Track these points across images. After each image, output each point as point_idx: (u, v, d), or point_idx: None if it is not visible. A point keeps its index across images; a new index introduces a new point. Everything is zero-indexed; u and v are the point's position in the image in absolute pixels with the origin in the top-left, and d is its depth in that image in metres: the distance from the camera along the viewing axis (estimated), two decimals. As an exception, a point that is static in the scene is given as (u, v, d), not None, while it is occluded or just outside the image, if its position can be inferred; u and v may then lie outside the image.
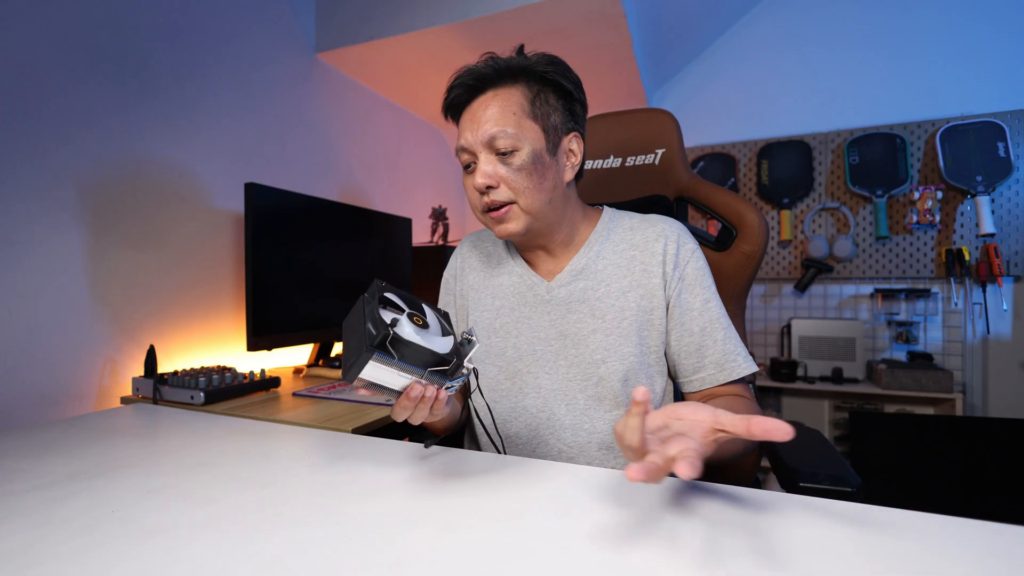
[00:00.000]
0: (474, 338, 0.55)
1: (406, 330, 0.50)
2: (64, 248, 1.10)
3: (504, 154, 0.66)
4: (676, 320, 0.70)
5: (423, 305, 0.57)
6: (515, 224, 0.68)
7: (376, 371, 0.48)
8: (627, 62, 1.90)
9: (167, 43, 1.31)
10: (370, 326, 0.48)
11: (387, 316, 0.50)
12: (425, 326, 0.53)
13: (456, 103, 0.70)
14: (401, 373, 0.49)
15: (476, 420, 0.76)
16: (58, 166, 1.09)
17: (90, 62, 1.15)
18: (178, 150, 1.34)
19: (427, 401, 0.52)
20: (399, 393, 0.52)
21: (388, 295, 0.54)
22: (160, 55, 1.30)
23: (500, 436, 0.73)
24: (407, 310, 0.53)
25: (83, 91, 1.14)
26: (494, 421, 0.71)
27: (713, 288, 0.71)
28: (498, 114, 0.66)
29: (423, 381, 0.51)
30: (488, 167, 0.66)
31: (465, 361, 0.53)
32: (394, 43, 1.72)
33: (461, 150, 0.69)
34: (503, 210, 0.67)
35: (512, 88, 0.68)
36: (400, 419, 0.54)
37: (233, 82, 1.49)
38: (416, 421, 0.55)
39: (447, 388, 0.53)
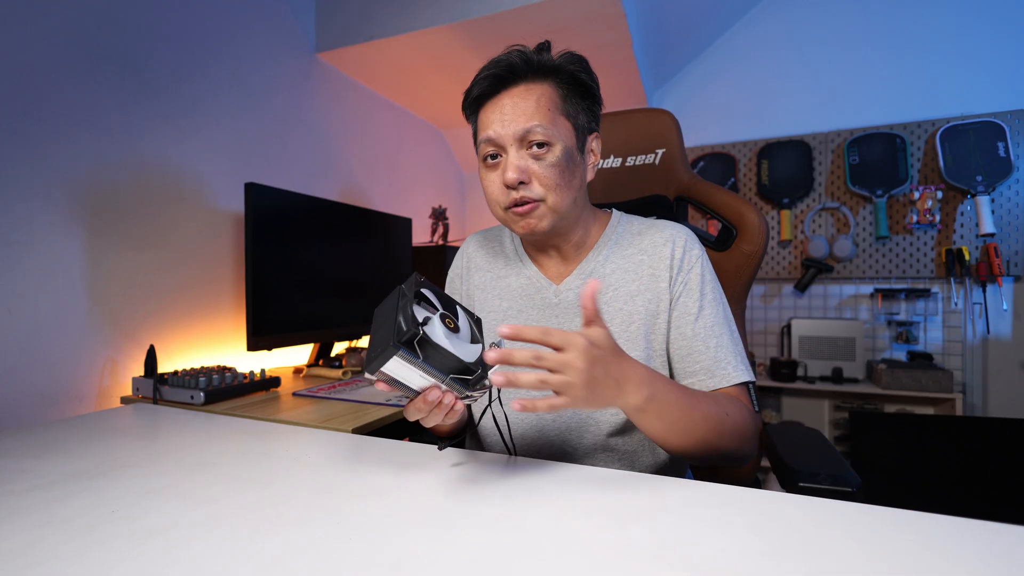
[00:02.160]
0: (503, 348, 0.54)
1: (436, 332, 0.48)
2: (64, 248, 1.10)
3: (538, 148, 0.65)
4: (673, 324, 0.70)
5: (457, 307, 0.55)
6: (540, 221, 0.67)
7: (398, 367, 0.47)
8: (627, 62, 1.90)
9: (167, 43, 1.31)
10: (401, 321, 0.46)
11: (420, 313, 0.49)
12: (456, 330, 0.52)
13: (484, 94, 0.67)
14: (423, 374, 0.48)
15: (492, 423, 0.75)
16: (58, 166, 1.09)
17: (90, 62, 1.15)
18: (178, 150, 1.34)
19: (443, 408, 0.52)
20: (417, 393, 0.51)
21: (424, 291, 0.52)
22: (160, 55, 1.30)
23: (514, 442, 0.72)
24: (440, 310, 0.52)
25: (83, 91, 1.14)
26: (510, 428, 0.70)
27: (713, 295, 0.70)
28: (533, 108, 0.64)
29: (443, 387, 0.50)
30: (520, 162, 0.65)
31: (490, 373, 0.51)
32: (394, 43, 1.72)
33: (487, 142, 0.66)
34: (529, 207, 0.66)
35: (543, 84, 0.66)
36: (412, 419, 0.53)
37: (233, 82, 1.49)
38: (429, 424, 0.54)
39: (465, 398, 0.52)
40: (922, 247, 2.20)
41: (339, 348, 1.59)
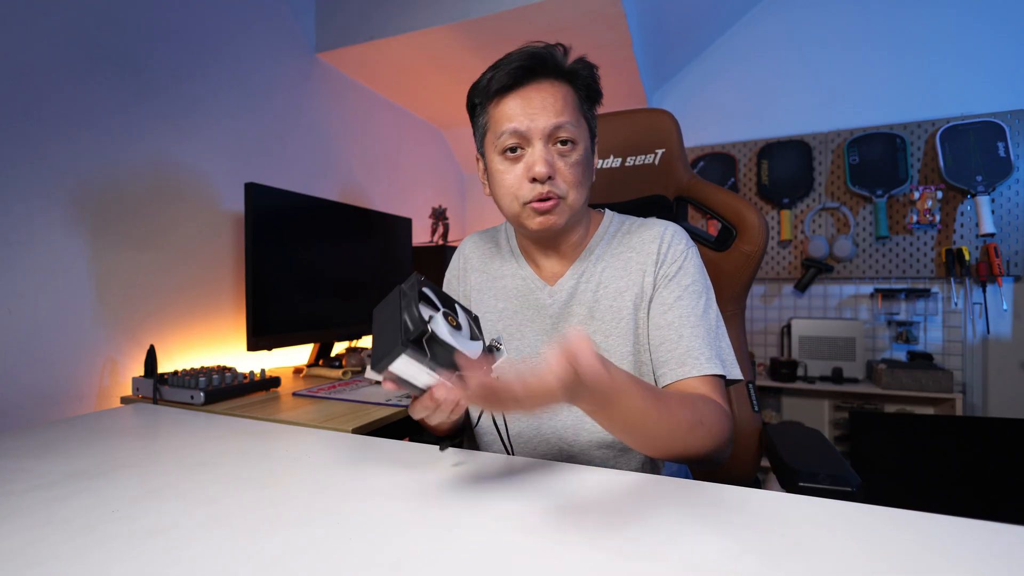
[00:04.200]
0: (502, 347, 0.54)
1: (441, 330, 0.49)
2: (64, 248, 1.10)
3: (564, 145, 0.65)
4: (650, 315, 0.70)
5: (456, 304, 0.56)
6: (559, 218, 0.68)
7: (406, 366, 0.47)
8: (627, 62, 1.90)
9: (167, 43, 1.31)
10: (407, 320, 0.47)
11: (424, 312, 0.49)
12: (458, 327, 0.52)
13: (508, 84, 0.66)
14: (430, 372, 0.48)
15: (490, 424, 0.75)
16: (58, 166, 1.09)
17: (90, 62, 1.15)
18: (178, 150, 1.34)
19: (449, 404, 0.51)
20: (422, 391, 0.51)
21: (425, 290, 0.53)
22: (160, 55, 1.30)
23: (511, 441, 0.73)
24: (442, 308, 0.52)
25: (83, 91, 1.14)
26: (507, 426, 0.70)
27: (695, 288, 0.69)
28: (562, 105, 0.65)
29: (449, 384, 0.50)
30: (548, 156, 0.65)
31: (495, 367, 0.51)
32: (394, 43, 1.72)
33: (511, 133, 0.65)
34: (551, 202, 0.66)
35: (567, 85, 0.67)
36: (418, 417, 0.53)
37: (233, 82, 1.49)
38: (434, 422, 0.54)
39: None
40: (922, 247, 2.20)
41: (339, 348, 1.59)
